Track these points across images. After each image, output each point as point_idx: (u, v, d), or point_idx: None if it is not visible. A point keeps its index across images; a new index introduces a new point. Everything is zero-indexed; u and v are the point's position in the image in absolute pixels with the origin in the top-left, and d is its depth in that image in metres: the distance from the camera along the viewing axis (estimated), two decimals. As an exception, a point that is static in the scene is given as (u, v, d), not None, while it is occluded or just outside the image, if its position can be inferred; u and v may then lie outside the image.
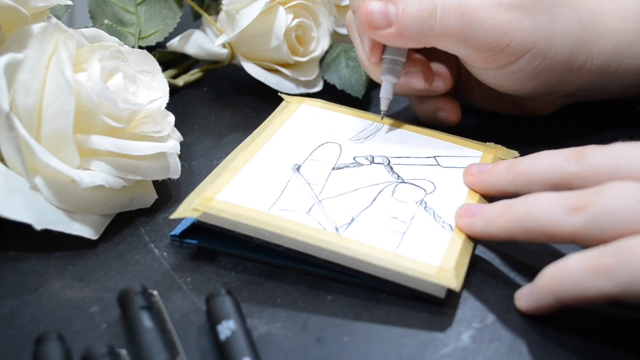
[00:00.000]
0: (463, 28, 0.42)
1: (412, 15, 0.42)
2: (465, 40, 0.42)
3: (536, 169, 0.37)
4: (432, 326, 0.35)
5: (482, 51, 0.43)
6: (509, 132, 0.50)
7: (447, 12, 0.42)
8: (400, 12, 0.42)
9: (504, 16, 0.42)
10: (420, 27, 0.42)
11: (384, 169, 0.42)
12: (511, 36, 0.42)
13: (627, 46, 0.46)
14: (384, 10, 0.42)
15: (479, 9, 0.42)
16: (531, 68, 0.44)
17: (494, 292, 0.37)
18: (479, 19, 0.42)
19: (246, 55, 0.54)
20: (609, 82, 0.47)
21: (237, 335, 0.32)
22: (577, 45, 0.44)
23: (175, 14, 0.55)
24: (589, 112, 0.53)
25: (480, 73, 0.46)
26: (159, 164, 0.41)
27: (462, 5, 0.42)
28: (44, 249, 0.38)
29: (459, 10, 0.42)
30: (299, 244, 0.36)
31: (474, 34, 0.42)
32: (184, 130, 0.48)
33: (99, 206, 0.39)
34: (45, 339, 0.31)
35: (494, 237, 0.37)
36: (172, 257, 0.38)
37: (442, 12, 0.42)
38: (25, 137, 0.36)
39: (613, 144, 0.35)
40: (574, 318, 0.35)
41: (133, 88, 0.42)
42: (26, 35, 0.38)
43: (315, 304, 0.36)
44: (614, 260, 0.31)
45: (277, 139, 0.44)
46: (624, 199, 0.32)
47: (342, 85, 0.54)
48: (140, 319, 0.32)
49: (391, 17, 0.42)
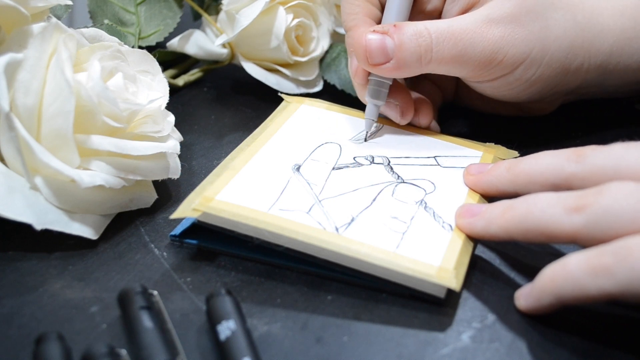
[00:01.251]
0: (458, 55, 0.42)
1: (409, 50, 0.42)
2: (460, 65, 0.43)
3: (536, 169, 0.37)
4: (432, 326, 0.35)
5: (477, 70, 0.43)
6: (509, 132, 0.50)
7: (441, 42, 0.42)
8: (397, 46, 0.42)
9: (495, 33, 0.42)
10: (418, 60, 0.42)
11: (384, 169, 0.42)
12: (504, 51, 0.42)
13: (625, 44, 0.46)
14: (382, 45, 0.43)
15: (470, 33, 0.42)
16: (527, 77, 0.44)
17: (494, 292, 0.37)
18: (471, 43, 0.42)
19: (246, 55, 0.54)
20: (608, 80, 0.47)
21: (237, 335, 0.32)
22: (572, 48, 0.44)
23: (175, 14, 0.55)
24: (589, 111, 0.53)
25: (475, 86, 0.46)
26: (159, 164, 0.41)
27: (455, 33, 0.42)
28: (44, 249, 0.38)
29: (452, 39, 0.42)
30: (299, 244, 0.36)
31: (468, 59, 0.42)
32: (184, 130, 0.48)
33: (99, 206, 0.39)
34: (45, 339, 0.31)
35: (494, 237, 0.37)
36: (172, 257, 0.38)
37: (436, 42, 0.42)
38: (25, 137, 0.36)
39: (613, 144, 0.35)
40: (574, 318, 0.35)
41: (133, 88, 0.42)
42: (26, 35, 0.38)
43: (315, 304, 0.36)
44: (614, 260, 0.31)
45: (277, 139, 0.44)
46: (624, 199, 0.32)
47: (342, 85, 0.54)
48: (140, 319, 0.32)
49: (389, 51, 0.43)
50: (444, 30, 0.42)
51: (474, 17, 0.43)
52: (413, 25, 0.43)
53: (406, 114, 0.46)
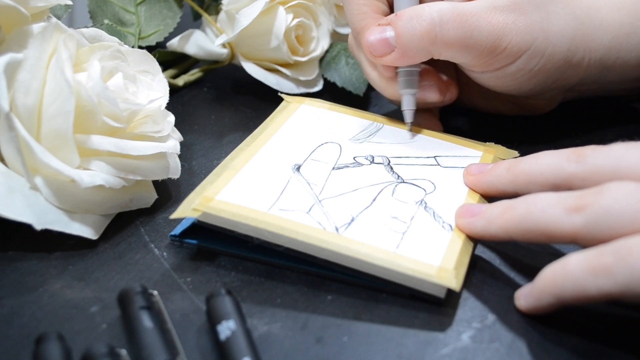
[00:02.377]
0: (464, 38, 0.42)
1: (409, 33, 0.42)
2: (466, 49, 0.43)
3: (536, 169, 0.37)
4: (432, 326, 0.35)
5: (482, 57, 0.43)
6: (509, 132, 0.50)
7: (446, 25, 0.42)
8: (398, 34, 0.42)
9: (499, 19, 0.42)
10: (422, 44, 0.42)
11: (384, 169, 0.42)
12: (508, 39, 0.42)
13: (624, 39, 0.46)
14: (383, 38, 0.43)
15: (476, 16, 0.42)
16: (529, 67, 0.44)
17: (494, 292, 0.37)
18: (477, 26, 0.42)
19: (246, 55, 0.54)
20: (607, 76, 0.47)
21: (237, 335, 0.32)
22: (574, 41, 0.44)
23: (175, 14, 0.55)
24: (589, 111, 0.53)
25: (478, 76, 0.46)
26: (159, 164, 0.41)
27: (460, 15, 0.42)
28: (44, 249, 0.38)
29: (457, 20, 0.42)
30: (299, 244, 0.36)
31: (474, 42, 0.42)
32: (184, 130, 0.48)
33: (99, 206, 0.39)
34: (45, 339, 0.31)
35: (494, 237, 0.37)
36: (172, 257, 0.38)
37: (441, 25, 0.42)
38: (25, 137, 0.36)
39: (613, 144, 0.35)
40: (574, 318, 0.35)
41: (133, 88, 0.42)
42: (26, 35, 0.38)
43: (315, 304, 0.36)
44: (614, 260, 0.31)
45: (277, 139, 0.44)
46: (624, 199, 0.32)
47: (342, 82, 0.54)
48: (140, 319, 0.32)
49: (391, 42, 0.43)
50: (448, 12, 0.42)
51: (479, 3, 0.43)
52: (414, 9, 0.43)
53: (444, 90, 0.46)
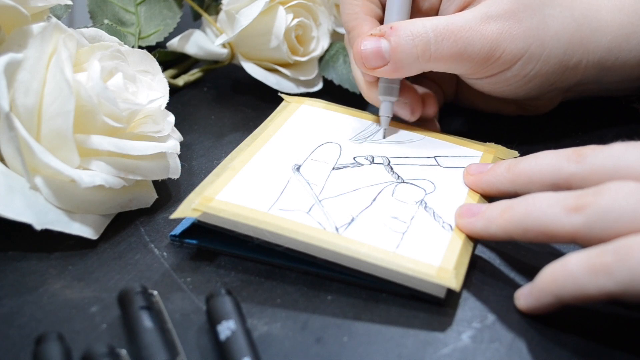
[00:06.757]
0: (458, 53, 0.42)
1: (406, 51, 0.42)
2: (460, 62, 0.43)
3: (536, 169, 0.37)
4: (432, 326, 0.35)
5: (476, 66, 0.43)
6: (509, 132, 0.50)
7: (440, 41, 0.42)
8: (393, 49, 0.42)
9: (493, 29, 0.42)
10: (416, 60, 0.43)
11: (384, 169, 0.42)
12: (502, 47, 0.43)
13: (624, 40, 0.46)
14: (377, 49, 0.43)
15: (469, 30, 0.42)
16: (525, 73, 0.44)
17: (494, 292, 0.37)
18: (470, 41, 0.42)
19: (246, 55, 0.54)
20: (607, 77, 0.47)
21: (237, 335, 0.32)
22: (570, 45, 0.44)
23: (175, 14, 0.55)
24: (589, 111, 0.53)
25: (474, 82, 0.46)
26: (159, 164, 0.41)
27: (454, 31, 0.42)
28: (44, 249, 0.38)
29: (451, 37, 0.42)
30: (299, 244, 0.36)
31: (468, 55, 0.43)
32: (184, 130, 0.48)
33: (99, 206, 0.39)
34: (45, 339, 0.31)
35: (493, 237, 0.37)
36: (172, 257, 0.38)
37: (435, 42, 0.42)
38: (25, 137, 0.36)
39: (613, 144, 0.35)
40: (574, 318, 0.35)
41: (133, 88, 0.42)
42: (26, 35, 0.38)
43: (315, 304, 0.36)
44: (614, 259, 0.31)
45: (277, 139, 0.44)
46: (624, 198, 0.32)
47: (339, 80, 0.54)
48: (140, 319, 0.32)
49: (384, 54, 0.43)
50: (443, 28, 0.42)
51: (472, 14, 0.43)
52: (410, 25, 0.43)
53: (416, 110, 0.46)
